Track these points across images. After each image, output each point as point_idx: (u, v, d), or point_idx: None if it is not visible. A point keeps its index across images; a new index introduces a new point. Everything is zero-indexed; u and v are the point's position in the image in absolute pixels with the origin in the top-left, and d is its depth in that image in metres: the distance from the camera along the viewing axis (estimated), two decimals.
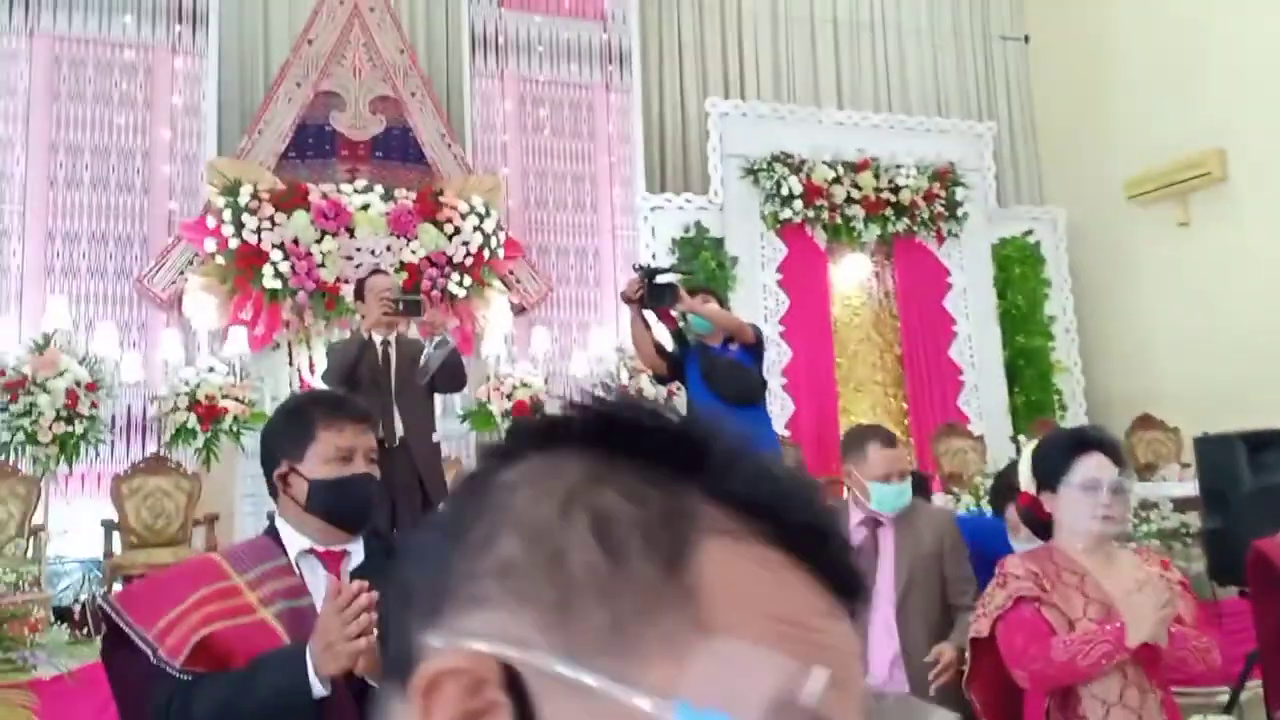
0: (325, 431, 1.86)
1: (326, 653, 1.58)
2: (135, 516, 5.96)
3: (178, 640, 1.63)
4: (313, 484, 1.83)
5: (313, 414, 1.89)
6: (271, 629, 1.70)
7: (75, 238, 7.08)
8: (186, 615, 1.66)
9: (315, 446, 1.85)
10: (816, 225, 8.55)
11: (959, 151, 9.20)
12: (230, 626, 1.67)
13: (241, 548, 1.89)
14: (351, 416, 1.90)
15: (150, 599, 1.72)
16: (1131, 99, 9.14)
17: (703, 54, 9.63)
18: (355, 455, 1.86)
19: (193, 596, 1.69)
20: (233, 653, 1.66)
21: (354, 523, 1.86)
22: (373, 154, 7.71)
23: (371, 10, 7.93)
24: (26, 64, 7.18)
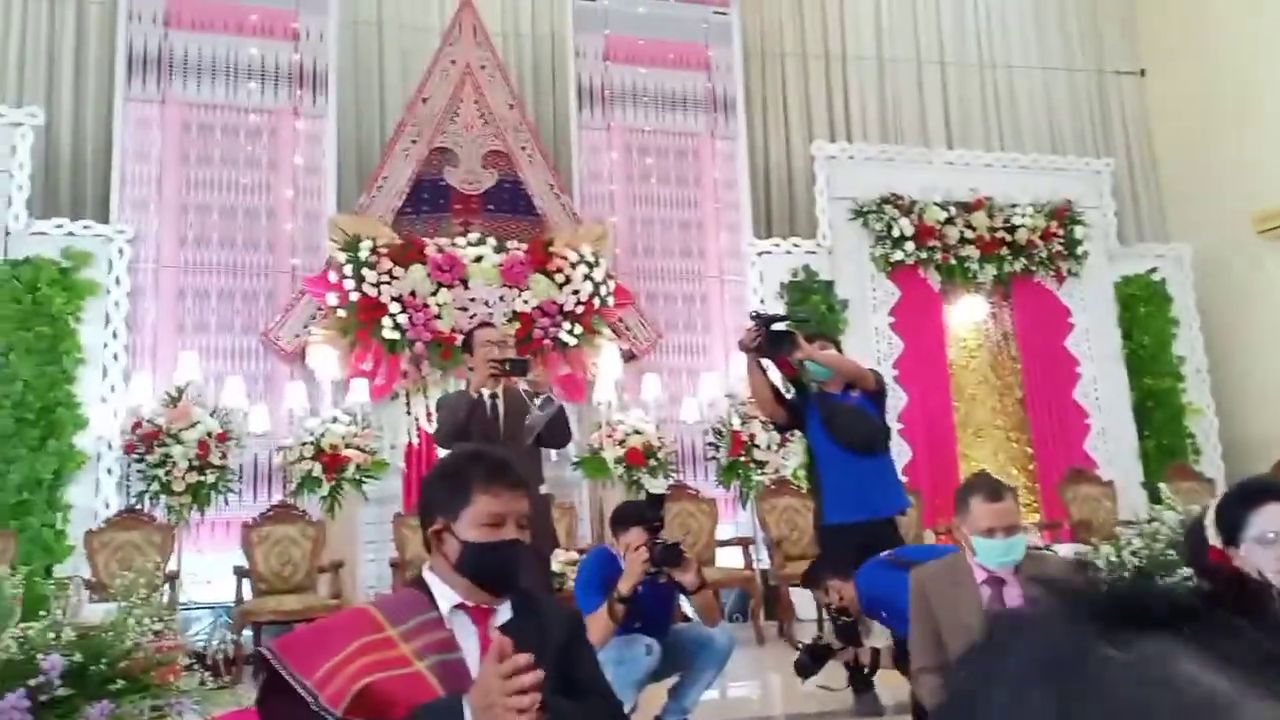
0: (481, 495, 1.87)
1: (487, 712, 1.59)
2: (264, 563, 6.10)
3: (337, 689, 1.64)
4: (465, 546, 1.86)
5: (471, 476, 1.90)
6: (426, 682, 1.71)
7: (205, 294, 7.35)
8: (345, 664, 1.68)
9: (470, 509, 1.87)
10: (930, 266, 8.41)
11: (1076, 189, 8.96)
12: (387, 678, 1.68)
13: (393, 599, 1.94)
14: (508, 482, 1.90)
15: (310, 647, 1.74)
16: (1257, 130, 8.82)
17: (807, 98, 9.63)
18: (508, 521, 1.87)
19: (350, 646, 1.71)
20: (388, 704, 1.66)
21: (501, 587, 1.88)
22: (485, 207, 7.86)
23: (482, 67, 8.13)
24: (159, 129, 7.52)
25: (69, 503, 6.54)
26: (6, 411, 6.46)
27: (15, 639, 3.22)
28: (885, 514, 4.45)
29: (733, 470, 7.57)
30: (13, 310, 6.64)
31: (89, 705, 3.28)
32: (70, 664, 3.22)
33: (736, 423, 7.56)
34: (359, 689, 1.64)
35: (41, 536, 6.35)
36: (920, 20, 10.07)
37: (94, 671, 3.38)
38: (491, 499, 1.86)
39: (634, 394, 7.76)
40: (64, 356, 6.72)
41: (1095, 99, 10.38)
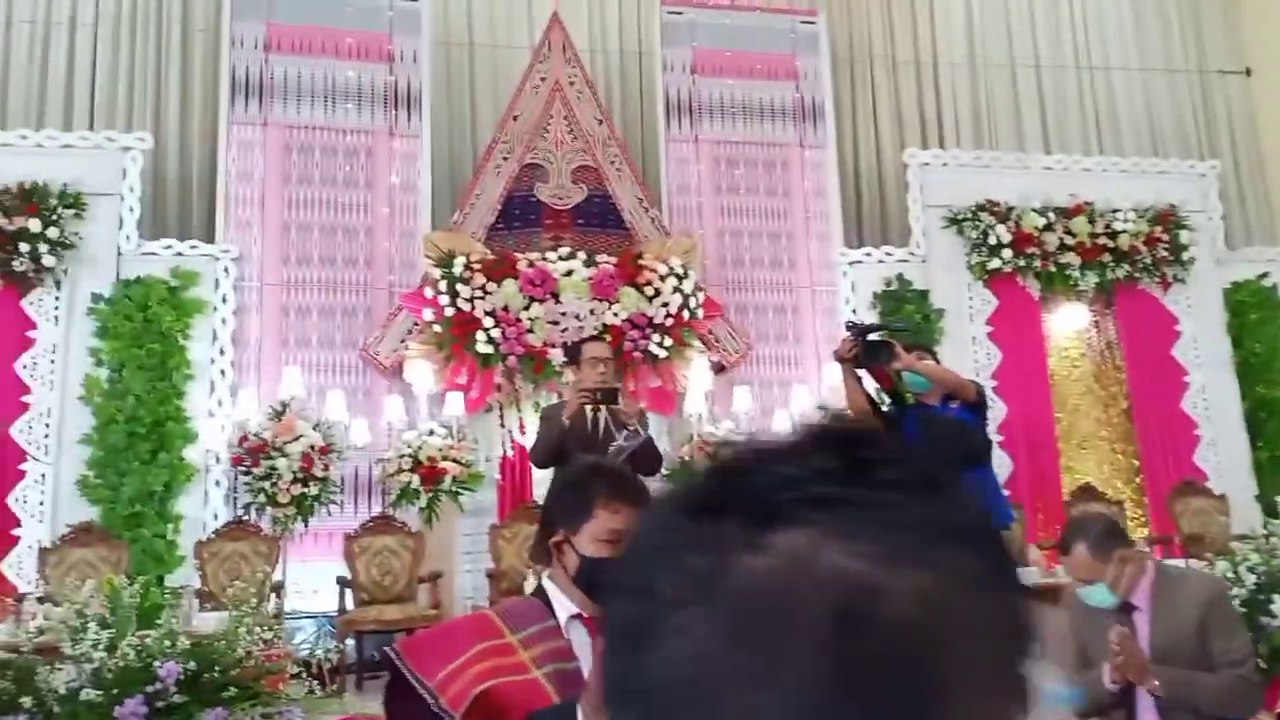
0: (602, 511, 1.88)
1: (597, 716, 1.58)
2: (365, 573, 6.21)
3: (458, 691, 1.67)
4: (583, 559, 1.87)
5: (594, 490, 1.91)
6: (543, 689, 1.73)
7: (306, 311, 7.54)
8: (466, 668, 1.71)
9: (591, 524, 1.88)
10: (1028, 274, 8.20)
11: (1180, 192, 8.67)
12: (505, 683, 1.71)
13: (514, 606, 1.94)
14: (629, 500, 1.90)
15: (432, 649, 1.78)
16: None
17: (898, 105, 9.51)
18: (626, 538, 1.86)
19: (471, 650, 1.75)
20: (506, 709, 1.68)
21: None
22: (575, 221, 7.92)
23: (571, 84, 8.20)
24: (261, 151, 7.76)
25: (179, 514, 6.76)
26: (120, 426, 6.71)
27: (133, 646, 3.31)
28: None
29: None
30: (125, 328, 6.90)
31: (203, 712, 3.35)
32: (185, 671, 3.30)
33: None
34: (479, 693, 1.66)
35: (153, 547, 6.58)
36: (1014, 22, 9.86)
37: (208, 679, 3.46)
38: (611, 515, 1.87)
39: (725, 406, 7.72)
40: (173, 372, 6.96)
41: (1198, 99, 10.03)
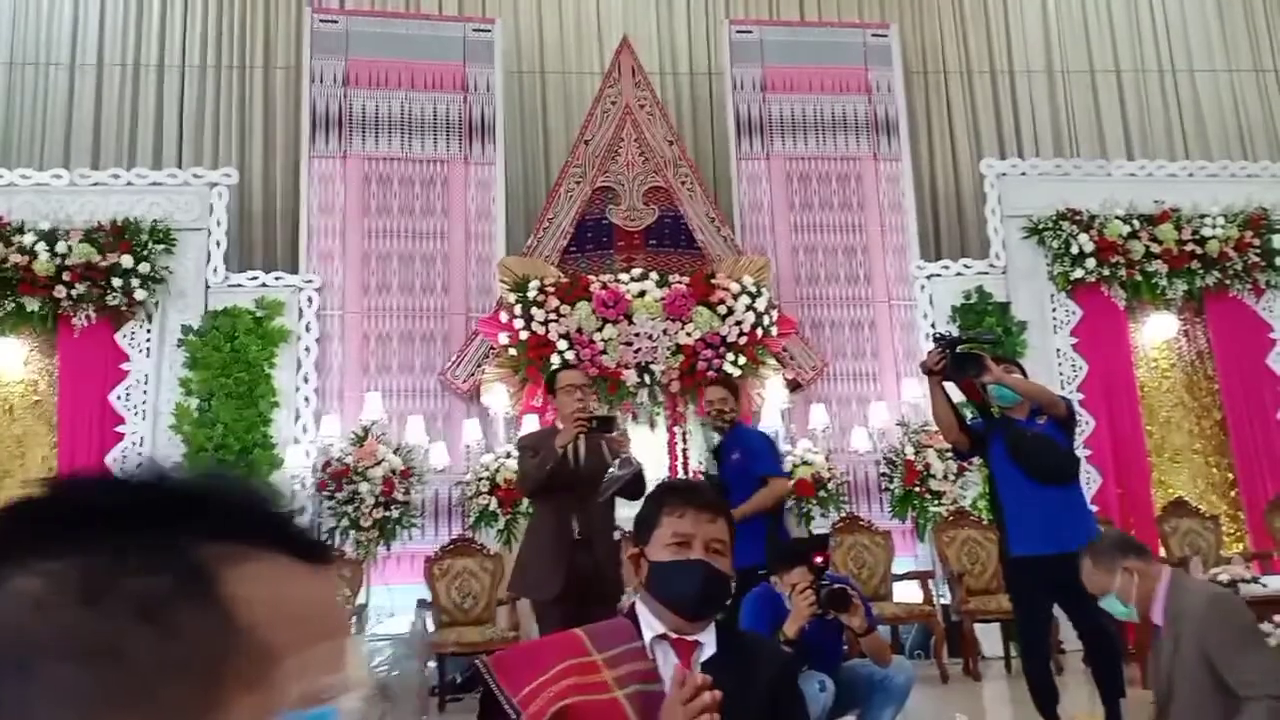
0: (668, 517, 1.90)
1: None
2: (446, 596, 6.28)
3: (540, 707, 1.68)
4: (651, 566, 1.89)
5: (662, 500, 1.95)
6: (623, 709, 1.72)
7: (387, 338, 7.69)
8: (549, 684, 1.72)
9: (658, 531, 1.91)
10: (1113, 283, 7.98)
11: (1272, 196, 8.37)
12: (585, 701, 1.71)
13: (603, 627, 1.93)
14: (695, 504, 1.91)
15: (519, 664, 1.80)
16: None
17: (974, 115, 9.37)
18: (694, 542, 1.87)
19: (556, 667, 1.75)
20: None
21: (687, 609, 1.86)
22: (647, 242, 7.95)
23: (642, 106, 8.25)
24: (341, 183, 7.96)
25: None
26: (210, 453, 6.91)
27: None
28: (1075, 547, 4.23)
29: (907, 501, 7.35)
30: (214, 358, 7.12)
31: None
32: None
33: (910, 452, 7.35)
34: (559, 709, 1.67)
35: None
36: (1092, 27, 9.66)
37: None
38: (676, 520, 1.89)
39: (802, 424, 7.65)
40: (260, 400, 7.15)
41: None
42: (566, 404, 4.50)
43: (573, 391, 4.52)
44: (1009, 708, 5.90)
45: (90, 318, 7.06)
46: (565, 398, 4.52)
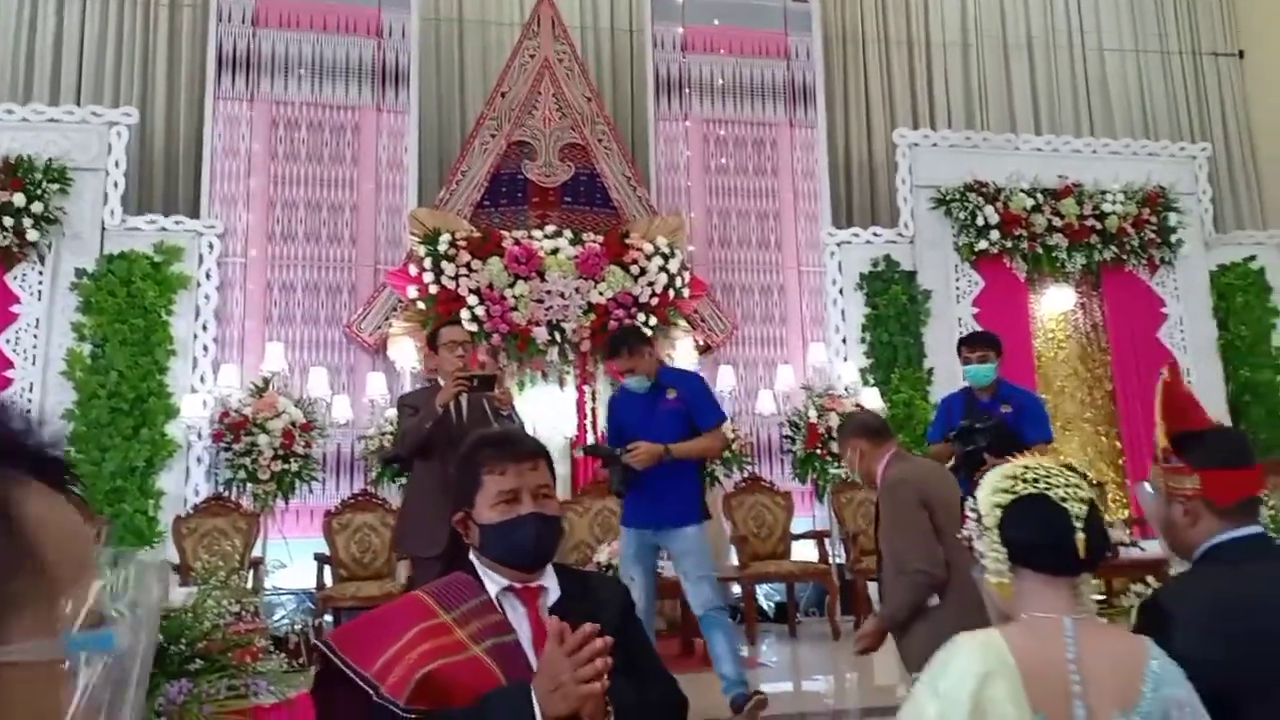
0: (489, 476, 1.85)
1: (555, 693, 1.56)
2: (345, 551, 6.23)
3: (399, 678, 1.63)
4: (481, 529, 1.85)
5: (478, 459, 1.88)
6: (486, 666, 1.69)
7: (291, 287, 7.54)
8: (404, 653, 1.67)
9: (482, 493, 1.85)
10: (1015, 255, 8.18)
11: (1170, 175, 8.64)
12: (446, 664, 1.67)
13: (444, 585, 1.86)
14: (514, 456, 1.87)
15: (366, 638, 1.73)
16: None
17: (889, 85, 9.46)
18: (521, 494, 1.84)
19: (408, 634, 1.70)
20: (450, 690, 1.65)
21: (525, 563, 1.84)
22: (562, 200, 7.89)
23: (560, 61, 8.16)
24: (248, 127, 7.73)
25: (160, 489, 6.78)
26: (102, 401, 6.72)
27: None
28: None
29: (809, 463, 7.49)
30: (109, 303, 6.90)
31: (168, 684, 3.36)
32: None
33: (813, 415, 7.48)
34: (421, 677, 1.62)
35: (134, 522, 6.60)
36: (1007, 3, 9.81)
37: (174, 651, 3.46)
38: (499, 478, 1.84)
39: (710, 386, 7.70)
40: (156, 348, 6.96)
41: (1191, 82, 9.99)
42: (448, 360, 4.45)
43: (455, 348, 4.48)
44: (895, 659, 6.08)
45: None
46: (447, 354, 4.47)
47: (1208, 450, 1.90)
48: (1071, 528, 1.59)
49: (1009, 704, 1.48)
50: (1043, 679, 1.50)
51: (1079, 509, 1.61)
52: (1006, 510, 1.63)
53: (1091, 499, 1.65)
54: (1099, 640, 1.57)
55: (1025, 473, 1.65)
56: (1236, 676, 1.64)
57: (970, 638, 1.58)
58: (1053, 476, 1.64)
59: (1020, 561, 1.63)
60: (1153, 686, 1.52)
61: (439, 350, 4.52)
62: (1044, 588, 1.60)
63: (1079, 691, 1.50)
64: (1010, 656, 1.52)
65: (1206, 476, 1.86)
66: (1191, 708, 1.53)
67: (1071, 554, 1.58)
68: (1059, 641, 1.55)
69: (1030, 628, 1.58)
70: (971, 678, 1.50)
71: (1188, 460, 1.89)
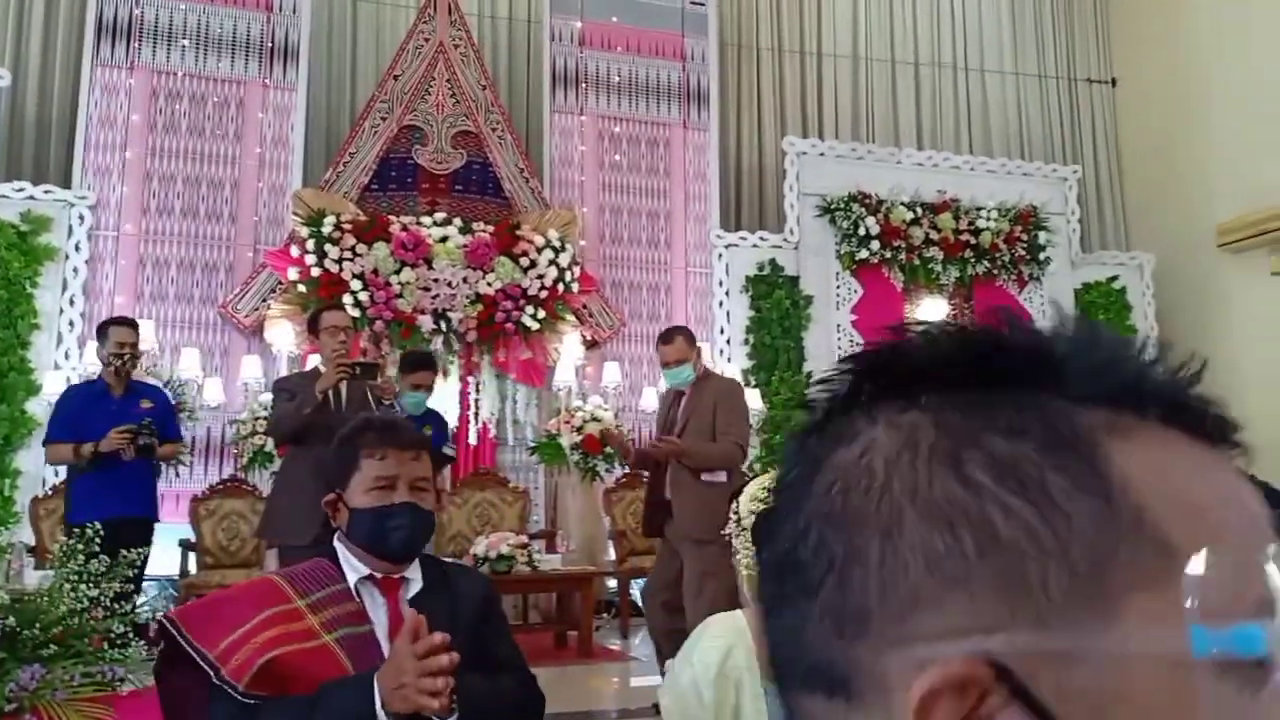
0: (367, 460, 1.83)
1: (398, 692, 1.55)
2: (211, 537, 6.07)
3: (242, 662, 1.59)
4: (353, 513, 1.82)
5: (359, 441, 1.86)
6: (334, 655, 1.67)
7: (165, 264, 7.29)
8: (251, 636, 1.63)
9: (358, 475, 1.83)
10: (894, 266, 8.47)
11: (1042, 195, 9.05)
12: (293, 651, 1.64)
13: (302, 570, 1.83)
14: (395, 444, 1.85)
15: (213, 618, 1.69)
16: (1223, 144, 8.91)
17: (781, 93, 9.65)
18: (398, 484, 1.82)
19: (256, 618, 1.66)
20: (293, 677, 1.62)
21: (393, 554, 1.82)
22: (453, 187, 7.83)
23: (456, 46, 8.08)
24: (126, 96, 7.44)
25: (17, 469, 6.48)
26: None
27: None
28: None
29: None
30: None
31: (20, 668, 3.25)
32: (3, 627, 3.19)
33: None
34: (265, 662, 1.59)
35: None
36: (896, 21, 10.11)
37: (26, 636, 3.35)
38: (378, 463, 1.82)
39: (595, 381, 7.77)
40: (19, 321, 6.65)
41: (1067, 106, 10.47)
42: (328, 345, 4.39)
43: (336, 333, 4.42)
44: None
45: None
46: (328, 339, 4.41)
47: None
48: None
49: (745, 670, 1.81)
50: None
51: None
52: (760, 514, 1.98)
53: None
54: None
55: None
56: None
57: (718, 618, 1.92)
58: None
59: None
60: None
61: (319, 334, 4.45)
62: None
63: None
64: (749, 633, 1.83)
65: None
66: None
67: None
68: None
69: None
70: (717, 650, 1.82)
71: None
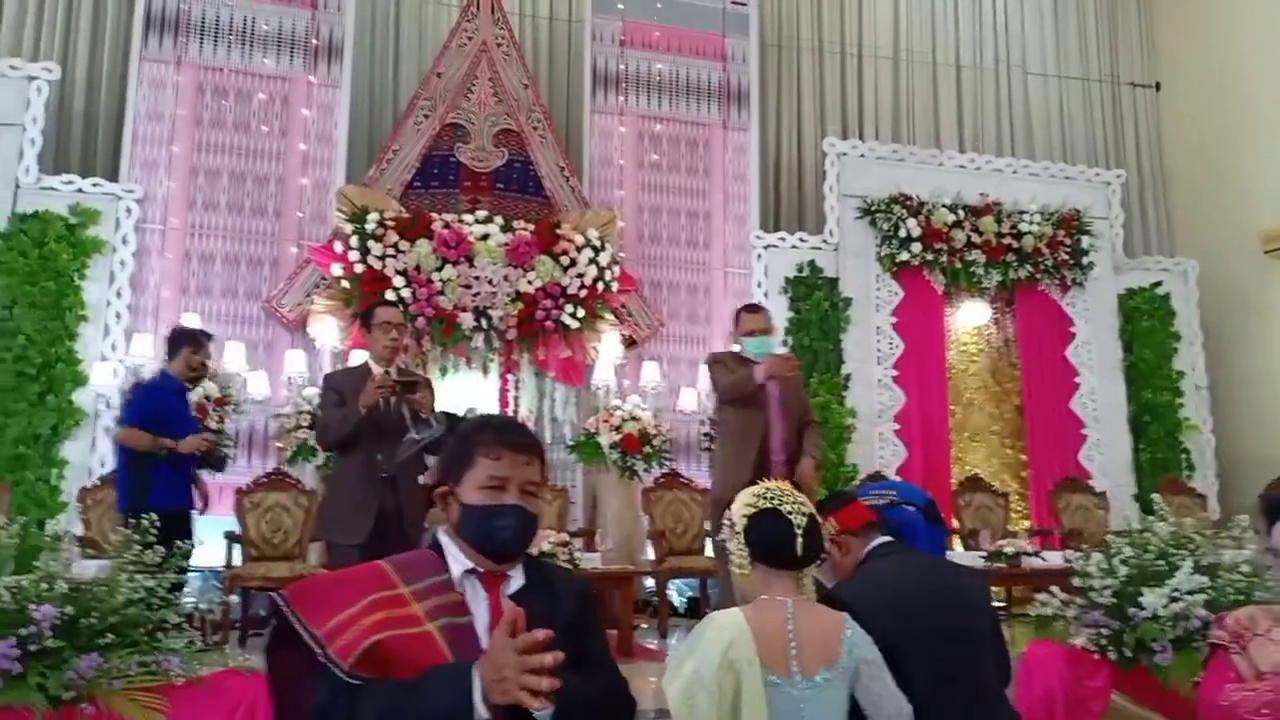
0: (483, 458, 1.85)
1: (498, 684, 1.56)
2: (255, 530, 6.12)
3: (348, 642, 1.63)
4: (463, 508, 1.84)
5: (476, 439, 1.88)
6: (436, 643, 1.69)
7: (210, 258, 7.36)
8: (358, 618, 1.66)
9: (472, 472, 1.85)
10: (935, 269, 8.40)
11: (1085, 199, 8.95)
12: (397, 635, 1.67)
13: (407, 559, 1.87)
14: (513, 446, 1.86)
15: (323, 598, 1.72)
16: (1268, 149, 8.81)
17: (821, 94, 9.62)
18: (509, 485, 1.84)
19: (363, 601, 1.70)
20: (395, 661, 1.65)
21: (498, 552, 1.84)
22: (494, 185, 7.85)
23: (499, 45, 8.11)
24: (173, 91, 7.52)
25: (65, 458, 6.56)
26: (7, 365, 6.48)
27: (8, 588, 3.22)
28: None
29: None
30: (19, 264, 6.65)
31: (78, 657, 3.28)
32: (61, 616, 3.22)
33: None
34: (370, 645, 1.62)
35: (36, 491, 6.38)
36: (938, 21, 10.05)
37: (84, 625, 3.38)
38: (493, 462, 1.84)
39: (633, 381, 7.77)
40: (67, 313, 6.73)
41: (1109, 110, 10.37)
42: (380, 340, 4.44)
43: (388, 330, 4.45)
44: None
45: None
46: (380, 334, 4.45)
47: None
48: (794, 534, 2.17)
49: (745, 661, 2.02)
50: (770, 643, 2.07)
51: (800, 520, 2.19)
52: (750, 519, 2.22)
53: (812, 513, 2.23)
54: (811, 617, 2.15)
55: (766, 492, 2.24)
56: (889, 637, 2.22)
57: (721, 614, 2.17)
58: (785, 496, 2.22)
59: (757, 558, 2.21)
60: (848, 650, 2.11)
61: (371, 329, 4.48)
62: (773, 578, 2.19)
63: (795, 653, 2.08)
64: (748, 626, 2.08)
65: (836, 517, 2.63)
66: (877, 665, 2.13)
67: (792, 553, 2.17)
68: (782, 616, 2.12)
69: (763, 606, 2.17)
70: (719, 642, 2.05)
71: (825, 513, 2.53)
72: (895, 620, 2.28)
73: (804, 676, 2.07)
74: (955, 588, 2.54)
